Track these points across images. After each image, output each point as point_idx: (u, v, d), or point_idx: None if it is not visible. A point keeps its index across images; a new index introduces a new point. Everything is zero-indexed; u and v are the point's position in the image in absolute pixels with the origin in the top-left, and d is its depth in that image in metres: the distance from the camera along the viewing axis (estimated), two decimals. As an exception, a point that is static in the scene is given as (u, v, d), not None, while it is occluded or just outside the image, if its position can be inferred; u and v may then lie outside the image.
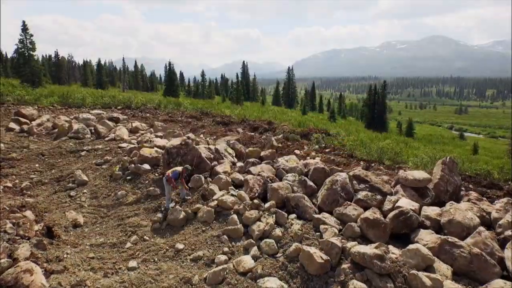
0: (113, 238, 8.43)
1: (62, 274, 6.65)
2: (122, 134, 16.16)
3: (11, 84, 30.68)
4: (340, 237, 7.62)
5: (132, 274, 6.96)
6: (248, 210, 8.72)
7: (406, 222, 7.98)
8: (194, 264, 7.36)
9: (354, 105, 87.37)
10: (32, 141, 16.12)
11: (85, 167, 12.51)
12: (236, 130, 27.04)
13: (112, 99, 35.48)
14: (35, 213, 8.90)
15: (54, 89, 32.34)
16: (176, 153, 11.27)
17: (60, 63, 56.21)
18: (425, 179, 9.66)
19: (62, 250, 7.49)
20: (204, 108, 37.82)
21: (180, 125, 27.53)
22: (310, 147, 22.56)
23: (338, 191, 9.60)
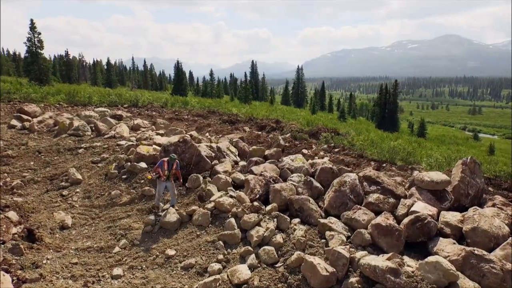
0: (101, 242, 7.76)
1: (37, 283, 5.98)
2: (122, 131, 15.57)
3: (19, 82, 30.62)
4: (348, 245, 6.76)
5: (115, 284, 6.25)
6: (247, 213, 7.91)
7: (423, 229, 7.07)
8: (185, 273, 6.60)
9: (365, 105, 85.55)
10: (32, 138, 15.67)
11: (81, 165, 11.92)
12: (242, 128, 26.35)
13: (118, 97, 35.20)
14: (20, 213, 8.30)
15: (61, 88, 32.18)
16: (173, 151, 10.55)
17: (70, 63, 56.47)
18: (444, 181, 8.69)
19: (42, 255, 6.84)
20: (211, 107, 37.26)
21: (186, 124, 26.96)
22: (319, 146, 21.70)
23: (347, 193, 8.73)
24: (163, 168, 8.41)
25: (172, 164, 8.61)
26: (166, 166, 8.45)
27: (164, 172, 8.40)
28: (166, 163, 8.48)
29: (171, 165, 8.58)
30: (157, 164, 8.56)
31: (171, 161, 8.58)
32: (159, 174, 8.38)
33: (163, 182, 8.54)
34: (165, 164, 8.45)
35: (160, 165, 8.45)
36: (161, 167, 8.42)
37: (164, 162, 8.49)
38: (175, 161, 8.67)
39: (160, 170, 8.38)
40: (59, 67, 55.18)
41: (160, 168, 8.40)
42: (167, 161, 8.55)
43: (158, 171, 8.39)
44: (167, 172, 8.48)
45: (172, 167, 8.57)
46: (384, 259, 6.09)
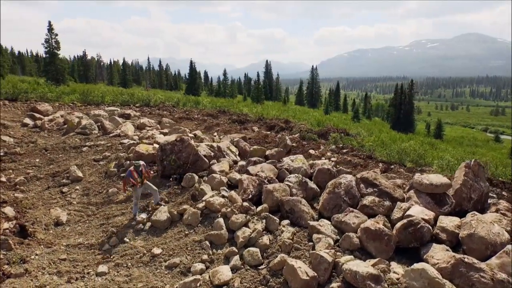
0: (93, 239, 7.84)
1: (21, 278, 6.09)
2: (127, 130, 15.78)
3: (36, 82, 31.62)
4: (334, 249, 6.54)
5: (98, 280, 6.28)
6: (236, 213, 7.81)
7: (415, 234, 6.76)
8: (169, 272, 6.57)
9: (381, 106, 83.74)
10: (41, 136, 16.12)
11: (83, 163, 12.14)
12: (251, 128, 26.28)
13: (130, 96, 35.75)
14: (17, 209, 8.51)
15: (76, 87, 33.02)
16: (170, 150, 10.57)
17: (88, 63, 57.98)
18: (444, 184, 8.31)
19: (32, 251, 6.96)
20: (222, 107, 37.36)
21: (196, 123, 27.12)
22: (327, 147, 21.39)
23: (341, 195, 8.48)
24: (133, 177, 8.34)
25: (141, 170, 8.57)
26: (136, 174, 8.41)
27: (137, 180, 8.38)
28: (134, 171, 8.42)
29: (140, 171, 8.54)
30: (127, 175, 8.42)
31: (137, 168, 8.53)
32: (133, 183, 8.35)
33: (139, 188, 8.51)
34: (134, 173, 8.38)
35: (130, 175, 8.35)
36: (131, 177, 8.34)
37: (132, 171, 8.41)
38: (141, 166, 8.61)
39: (132, 181, 8.32)
40: (77, 68, 56.74)
41: (131, 178, 8.33)
42: (134, 169, 8.50)
43: (131, 182, 8.34)
44: (140, 178, 8.46)
45: (142, 172, 8.55)
46: (369, 264, 5.85)
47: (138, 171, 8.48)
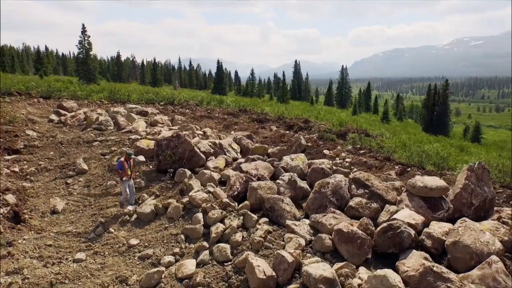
0: (81, 228, 8.24)
1: (4, 259, 6.55)
2: (138, 126, 16.36)
3: (69, 81, 33.72)
4: (307, 250, 6.34)
5: (73, 266, 6.60)
6: (216, 209, 7.82)
7: (394, 239, 6.36)
8: (140, 263, 6.74)
9: (415, 107, 79.65)
10: (62, 131, 17.17)
11: (91, 156, 12.78)
12: (269, 127, 26.26)
13: (155, 95, 36.87)
14: (20, 197, 9.14)
15: (105, 86, 34.78)
16: (166, 145, 10.82)
17: (121, 63, 60.99)
18: (439, 188, 7.75)
19: (21, 235, 7.45)
20: (245, 106, 37.60)
21: (216, 121, 27.55)
22: (344, 147, 20.92)
23: (327, 195, 8.21)
24: (124, 168, 8.59)
25: (130, 161, 8.80)
26: (127, 165, 8.65)
27: (127, 171, 8.62)
28: (125, 162, 8.67)
29: (129, 162, 8.76)
30: (118, 167, 8.67)
31: (129, 158, 8.79)
32: (121, 176, 8.59)
33: (128, 181, 8.75)
34: (125, 164, 8.64)
35: (121, 167, 8.60)
36: (122, 168, 8.59)
37: (123, 162, 8.66)
38: (131, 158, 8.87)
39: (121, 172, 8.57)
40: (111, 68, 59.88)
41: (122, 170, 8.58)
42: (125, 159, 8.74)
43: (122, 174, 8.58)
44: (129, 170, 8.69)
45: (131, 164, 8.76)
46: (335, 268, 5.59)
47: (128, 162, 8.74)
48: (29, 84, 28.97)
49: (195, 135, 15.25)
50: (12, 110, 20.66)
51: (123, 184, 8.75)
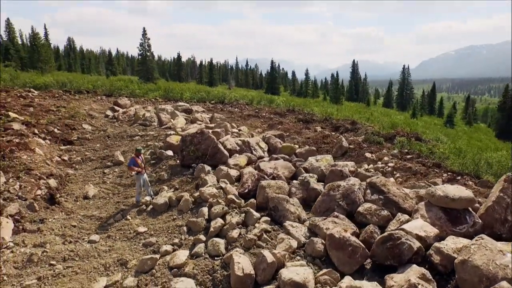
0: (105, 213, 9.11)
1: (33, 233, 7.57)
2: (177, 123, 17.37)
3: (130, 80, 36.95)
4: (298, 253, 6.20)
5: (86, 246, 7.37)
6: (221, 204, 8.04)
7: (393, 250, 5.90)
8: (143, 249, 7.26)
9: (491, 110, 70.69)
10: (113, 126, 19.01)
11: (129, 149, 13.97)
12: (314, 128, 25.97)
13: (207, 94, 38.47)
14: (61, 182, 10.43)
15: (161, 85, 37.33)
16: (190, 141, 11.37)
17: (181, 64, 64.93)
18: (463, 199, 6.96)
19: (52, 215, 8.52)
20: (295, 106, 37.59)
21: (262, 121, 28.06)
22: (389, 151, 19.83)
23: (336, 198, 7.90)
24: (137, 164, 9.19)
25: (141, 157, 9.44)
26: (139, 160, 9.26)
27: (142, 166, 9.23)
28: (136, 157, 9.27)
29: (141, 158, 9.40)
30: (131, 163, 9.26)
31: (139, 154, 9.39)
32: (137, 171, 9.21)
33: (142, 176, 9.34)
34: (137, 160, 9.23)
35: (134, 163, 9.19)
36: (135, 164, 9.18)
37: (135, 158, 9.26)
38: (141, 153, 9.50)
39: (136, 168, 9.17)
40: (172, 68, 64.10)
41: (136, 165, 9.19)
42: (136, 155, 9.35)
43: (134, 170, 9.19)
44: (142, 164, 9.30)
45: (142, 159, 9.36)
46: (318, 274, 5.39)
47: (140, 157, 9.40)
48: (96, 84, 32.47)
49: (228, 133, 15.68)
50: (77, 106, 23.38)
51: (138, 180, 9.40)
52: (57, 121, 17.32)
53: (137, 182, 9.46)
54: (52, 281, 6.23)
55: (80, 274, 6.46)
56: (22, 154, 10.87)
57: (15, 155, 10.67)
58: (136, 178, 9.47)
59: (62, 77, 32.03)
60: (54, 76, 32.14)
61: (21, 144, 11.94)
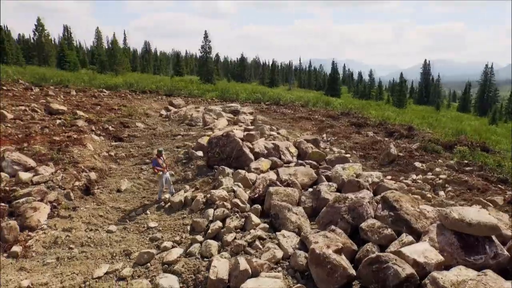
0: (130, 206, 10.10)
1: (64, 219, 8.78)
2: (219, 124, 18.13)
3: (190, 81, 39.41)
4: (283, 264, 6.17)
5: (103, 235, 8.31)
6: (226, 207, 8.33)
7: (378, 274, 5.52)
8: (148, 243, 7.92)
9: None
10: (163, 124, 20.65)
11: (169, 148, 15.09)
12: (365, 133, 25.01)
13: (262, 95, 39.14)
14: (101, 175, 11.80)
15: (219, 86, 39.06)
16: (216, 143, 11.87)
17: (244, 64, 67.00)
18: (484, 225, 6.15)
19: (84, 205, 9.74)
20: (352, 109, 36.50)
21: (313, 123, 27.90)
22: (445, 161, 18.30)
23: (341, 211, 7.60)
24: (159, 164, 9.89)
25: (163, 157, 10.10)
26: (160, 160, 9.92)
27: (163, 166, 9.90)
28: (158, 158, 9.95)
29: (163, 158, 10.06)
30: (154, 164, 10.04)
31: (161, 154, 10.05)
32: (160, 170, 9.91)
33: (164, 174, 10.01)
34: (159, 160, 9.93)
35: (156, 163, 9.93)
36: (157, 164, 9.90)
37: (156, 159, 9.97)
38: (162, 154, 10.16)
39: (159, 168, 9.89)
40: (236, 69, 66.53)
41: (156, 166, 9.92)
42: (157, 155, 10.02)
43: (157, 170, 9.92)
44: (164, 164, 9.95)
45: (164, 159, 10.02)
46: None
47: (162, 157, 10.13)
48: (158, 84, 35.41)
49: (264, 136, 15.90)
50: (138, 105, 25.83)
51: (160, 179, 10.17)
52: (115, 119, 19.47)
53: (160, 180, 10.26)
54: (66, 262, 7.22)
55: (90, 259, 7.35)
56: (74, 149, 12.57)
57: (68, 149, 12.40)
58: (159, 177, 10.27)
59: (130, 78, 35.71)
60: (124, 78, 35.99)
61: (77, 139, 13.80)
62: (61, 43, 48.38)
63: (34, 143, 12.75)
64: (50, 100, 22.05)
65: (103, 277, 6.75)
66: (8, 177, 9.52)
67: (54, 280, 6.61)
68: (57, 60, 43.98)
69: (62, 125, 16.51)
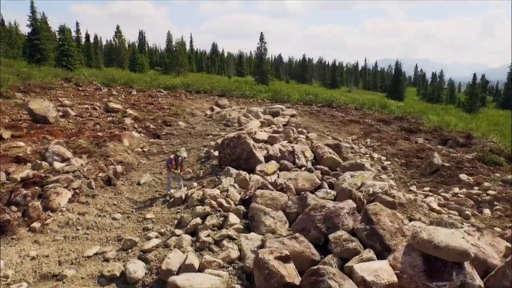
0: (143, 198, 11.25)
1: (82, 204, 10.21)
2: (250, 125, 18.68)
3: (245, 82, 40.73)
4: (235, 265, 6.45)
5: (107, 221, 9.49)
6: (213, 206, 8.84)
7: (314, 286, 5.44)
8: (140, 232, 8.84)
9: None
10: (203, 124, 22.01)
11: (195, 147, 16.19)
12: (415, 139, 23.62)
13: (315, 97, 38.76)
14: (127, 169, 13.28)
15: (272, 87, 39.61)
16: (227, 144, 12.44)
17: (305, 65, 66.53)
18: (451, 250, 5.62)
19: (103, 194, 11.14)
20: (410, 113, 34.35)
21: (361, 127, 27.15)
22: (503, 175, 16.66)
23: (315, 219, 7.55)
24: (172, 164, 10.89)
25: (178, 160, 10.95)
26: (174, 162, 10.82)
27: (173, 166, 10.79)
28: (174, 160, 10.90)
29: (177, 160, 10.91)
30: (167, 163, 11.09)
31: (177, 157, 11.01)
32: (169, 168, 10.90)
33: (172, 173, 10.91)
34: (173, 161, 10.93)
35: (170, 162, 10.97)
36: (170, 163, 10.92)
37: (172, 159, 10.96)
38: (179, 157, 11.10)
39: (169, 166, 10.94)
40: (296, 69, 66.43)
41: (169, 164, 10.96)
42: (174, 158, 10.96)
43: (168, 166, 11.00)
44: (176, 166, 10.82)
45: (178, 162, 10.85)
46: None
47: (176, 160, 11.06)
48: (214, 84, 37.39)
49: (289, 139, 16.02)
50: (188, 105, 27.77)
51: (168, 176, 11.21)
52: (160, 118, 21.38)
53: (168, 175, 11.27)
54: (70, 241, 8.50)
55: (89, 240, 8.52)
56: (110, 144, 14.33)
57: (105, 144, 14.20)
58: (168, 174, 11.31)
59: (188, 79, 38.37)
60: (182, 78, 38.83)
61: (116, 135, 15.66)
62: (133, 47, 54.26)
63: (80, 138, 14.89)
64: (111, 99, 25.10)
65: (92, 257, 7.80)
66: (48, 166, 11.39)
67: (54, 254, 7.87)
68: (129, 62, 49.70)
69: (112, 122, 18.79)
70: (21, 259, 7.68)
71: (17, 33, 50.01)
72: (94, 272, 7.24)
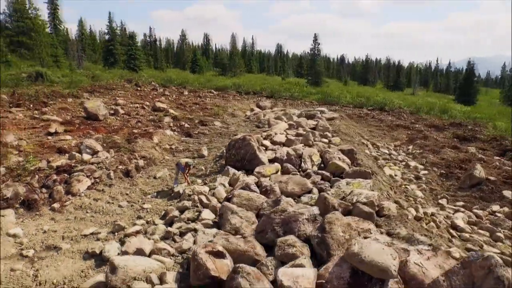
0: (152, 191, 12.54)
1: (98, 192, 11.84)
2: (276, 127, 19.00)
3: (296, 83, 40.77)
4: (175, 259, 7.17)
5: (113, 208, 10.91)
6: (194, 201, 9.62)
7: (230, 283, 5.81)
8: (135, 220, 10.02)
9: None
10: (239, 125, 22.98)
11: (218, 146, 17.15)
12: (466, 148, 22.02)
13: (366, 100, 37.39)
14: (148, 163, 14.79)
15: (322, 89, 39.05)
16: (233, 145, 13.08)
17: (367, 66, 63.47)
18: (375, 266, 5.53)
19: (120, 184, 12.69)
20: (477, 119, 31.42)
21: (408, 133, 26.59)
22: None
23: (274, 222, 7.83)
24: (184, 170, 12.09)
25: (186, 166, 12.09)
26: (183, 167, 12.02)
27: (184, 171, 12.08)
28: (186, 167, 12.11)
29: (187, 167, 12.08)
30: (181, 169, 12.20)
31: (187, 165, 12.15)
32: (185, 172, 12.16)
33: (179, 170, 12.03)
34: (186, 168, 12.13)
35: (182, 170, 12.12)
36: (182, 169, 12.09)
37: (184, 167, 12.10)
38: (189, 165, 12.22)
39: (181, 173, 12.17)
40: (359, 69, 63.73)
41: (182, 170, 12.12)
42: (185, 166, 12.11)
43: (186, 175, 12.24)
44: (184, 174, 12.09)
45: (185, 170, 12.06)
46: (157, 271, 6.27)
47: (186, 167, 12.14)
48: (263, 86, 38.26)
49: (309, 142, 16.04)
50: (231, 106, 29.07)
51: (177, 174, 12.36)
52: (198, 118, 22.93)
53: (176, 171, 12.41)
54: (77, 221, 10.05)
55: (91, 222, 9.98)
56: (140, 141, 16.09)
57: (135, 140, 15.99)
58: (175, 171, 12.44)
59: (240, 80, 39.84)
60: (235, 79, 40.46)
61: (148, 133, 17.44)
62: (194, 50, 58.25)
63: (119, 134, 16.97)
64: (161, 99, 27.59)
65: (88, 236, 9.18)
66: (80, 157, 13.40)
67: (61, 231, 9.45)
68: (191, 64, 53.56)
69: (152, 120, 20.84)
70: (36, 231, 9.41)
71: (99, 40, 57.64)
72: (83, 248, 8.56)
